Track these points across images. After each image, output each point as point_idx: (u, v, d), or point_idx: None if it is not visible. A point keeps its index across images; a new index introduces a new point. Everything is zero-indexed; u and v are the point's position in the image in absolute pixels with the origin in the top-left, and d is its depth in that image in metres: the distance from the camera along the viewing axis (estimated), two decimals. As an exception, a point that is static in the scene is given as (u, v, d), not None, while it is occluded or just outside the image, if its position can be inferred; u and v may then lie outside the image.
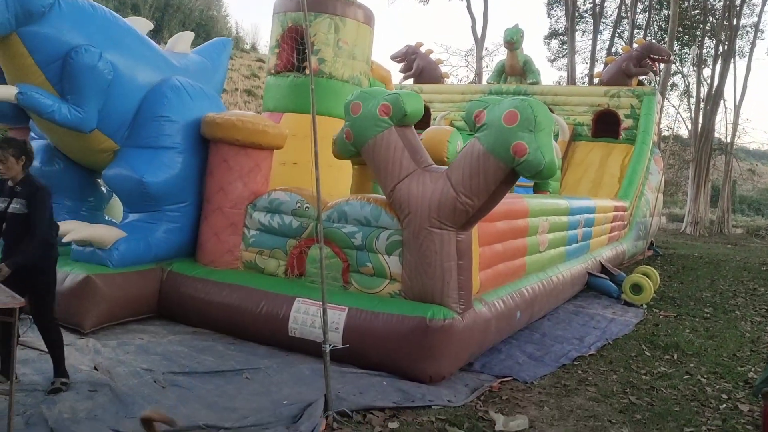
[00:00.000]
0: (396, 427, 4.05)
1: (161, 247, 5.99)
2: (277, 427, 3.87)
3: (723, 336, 7.26)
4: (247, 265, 6.01)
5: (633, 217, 13.09)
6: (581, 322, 7.50)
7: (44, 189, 4.06)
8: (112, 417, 3.77)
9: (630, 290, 8.79)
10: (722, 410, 4.84)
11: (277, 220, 5.85)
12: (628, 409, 4.72)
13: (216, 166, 6.03)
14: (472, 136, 4.96)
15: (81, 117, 5.50)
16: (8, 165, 4.01)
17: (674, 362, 6.06)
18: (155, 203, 5.95)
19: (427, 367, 4.87)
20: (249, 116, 6.08)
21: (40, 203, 3.98)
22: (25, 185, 4.05)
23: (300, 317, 5.27)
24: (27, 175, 4.11)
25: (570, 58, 27.37)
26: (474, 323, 5.21)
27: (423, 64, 16.77)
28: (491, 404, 4.63)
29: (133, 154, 5.88)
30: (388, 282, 5.32)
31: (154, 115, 5.90)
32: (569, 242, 8.69)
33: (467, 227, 5.08)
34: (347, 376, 4.82)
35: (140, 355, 4.90)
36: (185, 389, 4.34)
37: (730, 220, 27.69)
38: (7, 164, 4.00)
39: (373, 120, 5.26)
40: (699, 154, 25.67)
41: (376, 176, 5.39)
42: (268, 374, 4.76)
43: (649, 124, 14.03)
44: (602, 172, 13.85)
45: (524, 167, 4.59)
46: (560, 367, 5.63)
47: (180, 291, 5.87)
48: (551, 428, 4.27)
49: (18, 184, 4.06)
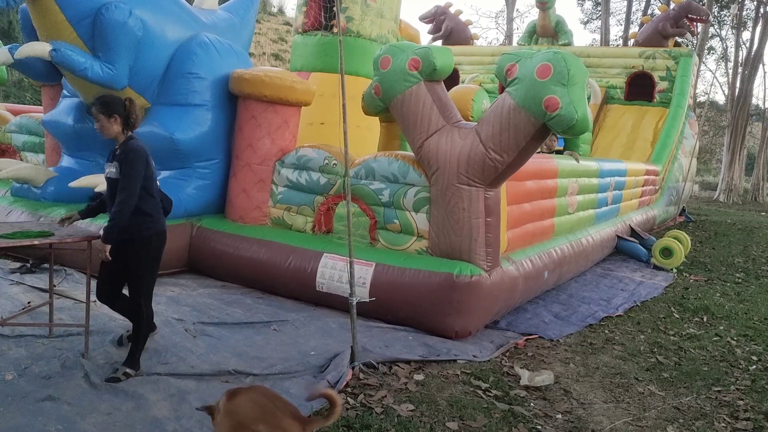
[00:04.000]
0: (421, 379, 4.09)
1: (191, 203, 6.06)
2: (304, 376, 3.95)
3: (754, 300, 7.14)
4: (275, 222, 6.06)
5: (665, 181, 12.83)
6: (609, 284, 7.44)
7: (137, 151, 3.66)
8: (144, 362, 3.87)
9: (660, 254, 8.68)
10: (752, 371, 4.79)
11: (305, 177, 5.86)
12: (655, 367, 4.69)
13: (244, 123, 6.04)
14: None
15: (113, 74, 5.54)
16: (101, 123, 3.70)
17: (703, 324, 5.99)
18: (185, 160, 6.01)
19: (454, 322, 4.89)
20: (277, 72, 6.05)
21: (128, 167, 3.61)
22: (123, 148, 3.70)
23: (327, 272, 5.31)
24: (129, 137, 3.74)
25: (604, 19, 26.64)
26: (501, 281, 5.19)
27: (452, 25, 16.46)
28: (516, 360, 4.64)
29: (163, 111, 5.92)
30: (415, 239, 5.32)
31: (184, 72, 5.92)
32: (599, 205, 8.56)
33: (496, 184, 5.03)
34: (373, 330, 4.87)
35: (171, 306, 5.01)
36: (215, 339, 4.43)
37: (765, 188, 27.03)
38: (101, 122, 3.70)
39: (403, 74, 5.19)
40: (735, 119, 24.98)
41: (404, 132, 5.35)
42: (295, 326, 4.83)
43: (685, 86, 13.62)
44: (635, 136, 13.53)
45: (556, 122, 4.50)
46: (586, 327, 5.61)
47: (209, 246, 5.96)
48: (576, 384, 4.28)
49: (119, 147, 3.73)
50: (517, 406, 3.81)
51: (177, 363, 3.95)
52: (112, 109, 3.68)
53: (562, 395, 4.08)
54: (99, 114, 3.68)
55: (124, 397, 3.46)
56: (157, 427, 3.18)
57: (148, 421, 3.22)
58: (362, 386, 3.89)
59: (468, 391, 3.97)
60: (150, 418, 3.26)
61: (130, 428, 3.14)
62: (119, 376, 3.64)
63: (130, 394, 3.49)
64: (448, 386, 4.01)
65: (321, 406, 3.53)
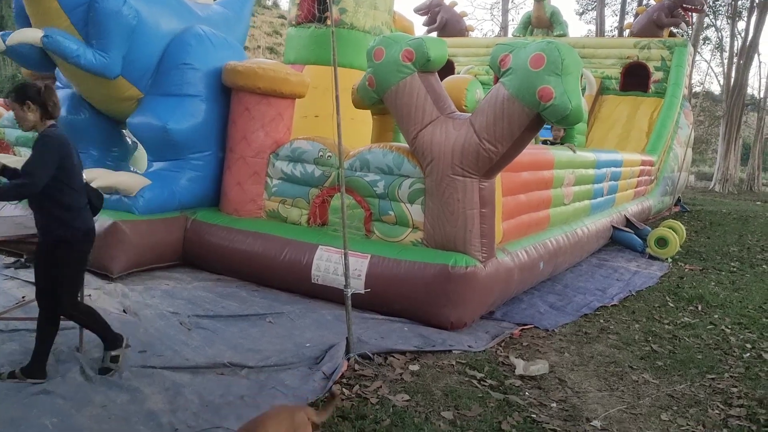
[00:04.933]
0: (417, 369, 4.10)
1: (185, 195, 6.05)
2: (299, 368, 3.95)
3: (749, 289, 7.17)
4: (270, 215, 6.05)
5: (660, 172, 12.84)
6: (604, 274, 7.45)
7: (49, 137, 3.37)
8: (139, 356, 3.87)
9: (655, 244, 8.69)
10: (746, 359, 4.81)
11: (299, 169, 5.85)
12: (649, 356, 4.71)
13: (238, 115, 6.02)
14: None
15: (106, 62, 5.51)
16: (16, 113, 3.42)
17: (698, 313, 6.01)
18: (179, 151, 5.99)
19: (449, 313, 4.89)
20: (270, 64, 6.03)
21: (35, 152, 3.31)
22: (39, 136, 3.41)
23: (323, 264, 5.31)
24: (49, 127, 3.44)
25: (599, 10, 26.60)
26: (496, 272, 5.20)
27: (447, 16, 16.42)
28: (512, 350, 4.65)
29: (157, 101, 5.90)
30: (410, 230, 5.32)
31: (178, 63, 5.89)
32: (595, 196, 8.57)
33: (490, 175, 5.03)
34: (369, 322, 4.88)
35: (166, 300, 5.00)
36: (210, 331, 4.43)
37: (760, 177, 27.06)
38: (15, 111, 3.42)
39: (396, 66, 5.18)
40: (730, 109, 24.98)
41: (398, 123, 5.34)
42: (290, 319, 4.84)
43: (680, 76, 13.62)
44: (630, 126, 13.53)
45: (550, 112, 4.50)
46: (582, 317, 5.62)
47: (204, 239, 5.95)
48: (571, 373, 4.29)
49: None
50: (512, 395, 3.82)
51: (172, 356, 3.94)
52: (25, 96, 3.38)
53: (556, 384, 4.09)
54: (13, 102, 3.41)
55: (119, 390, 3.46)
56: (152, 419, 3.18)
57: (143, 414, 3.22)
58: (358, 377, 3.90)
59: (463, 381, 3.98)
60: (145, 410, 3.26)
61: (125, 421, 3.14)
62: (108, 366, 3.61)
63: (125, 387, 3.48)
64: (443, 376, 4.02)
65: (316, 398, 3.54)
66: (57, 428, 3.02)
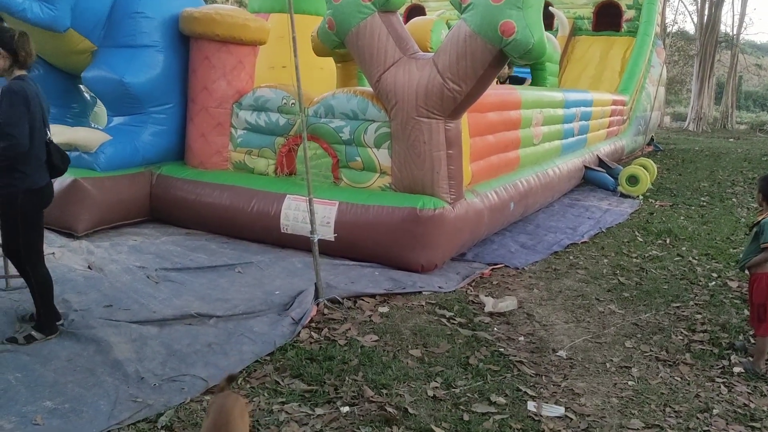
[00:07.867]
0: (386, 311, 4.12)
1: (149, 150, 5.91)
2: (268, 314, 3.95)
3: (717, 222, 7.28)
4: (237, 166, 5.95)
5: (633, 111, 12.84)
6: (576, 213, 7.51)
7: (15, 91, 3.21)
8: (104, 310, 3.83)
9: (626, 182, 8.75)
10: (711, 287, 4.91)
11: (263, 118, 5.74)
12: (616, 288, 4.79)
13: (198, 65, 5.84)
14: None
15: (53, 15, 5.27)
16: None
17: (666, 246, 6.10)
18: (139, 105, 5.82)
19: (419, 256, 4.90)
20: (229, 9, 5.84)
21: (6, 107, 3.19)
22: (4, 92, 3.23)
23: (291, 213, 5.26)
24: (16, 78, 3.30)
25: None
26: (466, 213, 5.20)
27: (416, -41, 15.98)
28: (482, 289, 4.69)
29: (111, 54, 5.69)
30: (378, 176, 5.27)
31: (130, 12, 5.66)
32: (565, 136, 8.55)
33: (456, 115, 4.97)
34: (339, 268, 4.87)
35: (133, 255, 4.94)
36: (178, 284, 4.40)
37: (734, 115, 27.21)
38: None
39: (356, 6, 5.03)
40: (704, 47, 24.89)
41: (360, 66, 5.22)
42: (260, 268, 4.81)
43: (652, 13, 13.47)
44: (603, 67, 13.42)
45: (512, 47, 4.42)
46: (552, 255, 5.68)
47: (171, 193, 5.85)
48: (539, 307, 4.35)
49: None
50: (481, 332, 3.86)
51: (139, 309, 3.91)
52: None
53: (525, 319, 4.14)
54: None
55: (86, 342, 3.44)
56: (118, 369, 3.17)
57: (109, 364, 3.21)
58: (327, 321, 3.91)
59: (432, 320, 4.01)
60: (111, 361, 3.24)
61: (91, 371, 3.13)
62: (15, 337, 3.38)
63: (91, 338, 3.46)
64: (412, 316, 4.05)
65: (284, 341, 3.55)
66: (21, 383, 2.99)
